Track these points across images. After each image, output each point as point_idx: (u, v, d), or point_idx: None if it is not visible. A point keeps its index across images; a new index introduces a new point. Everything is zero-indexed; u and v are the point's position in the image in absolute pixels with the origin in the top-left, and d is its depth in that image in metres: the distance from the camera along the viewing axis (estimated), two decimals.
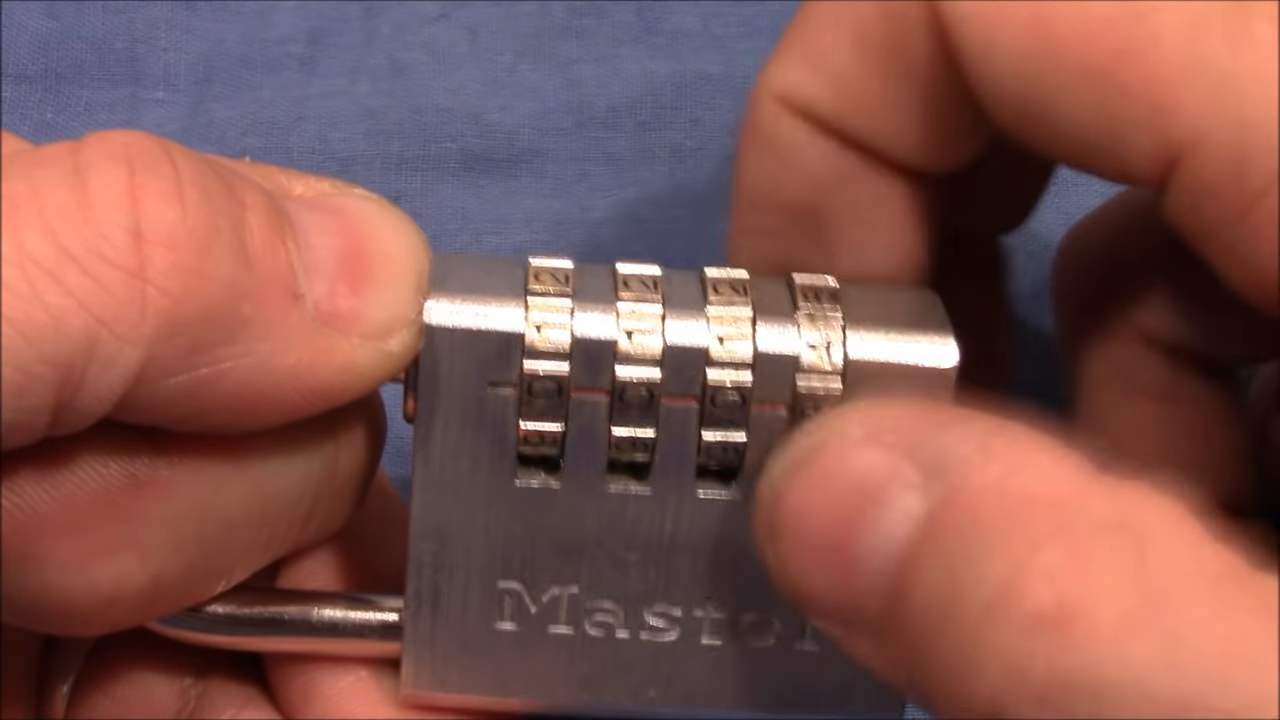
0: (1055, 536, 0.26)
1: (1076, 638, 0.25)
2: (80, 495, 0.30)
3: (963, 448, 0.28)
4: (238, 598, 0.33)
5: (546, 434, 0.32)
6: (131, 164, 0.28)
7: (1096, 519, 0.27)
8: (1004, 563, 0.26)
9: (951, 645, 0.27)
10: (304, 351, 0.29)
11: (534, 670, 0.34)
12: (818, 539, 0.29)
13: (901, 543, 0.28)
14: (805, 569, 0.29)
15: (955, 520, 0.27)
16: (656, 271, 0.32)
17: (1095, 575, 0.26)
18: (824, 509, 0.29)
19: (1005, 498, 0.27)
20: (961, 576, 0.27)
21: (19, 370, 0.27)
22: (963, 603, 0.27)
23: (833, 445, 0.29)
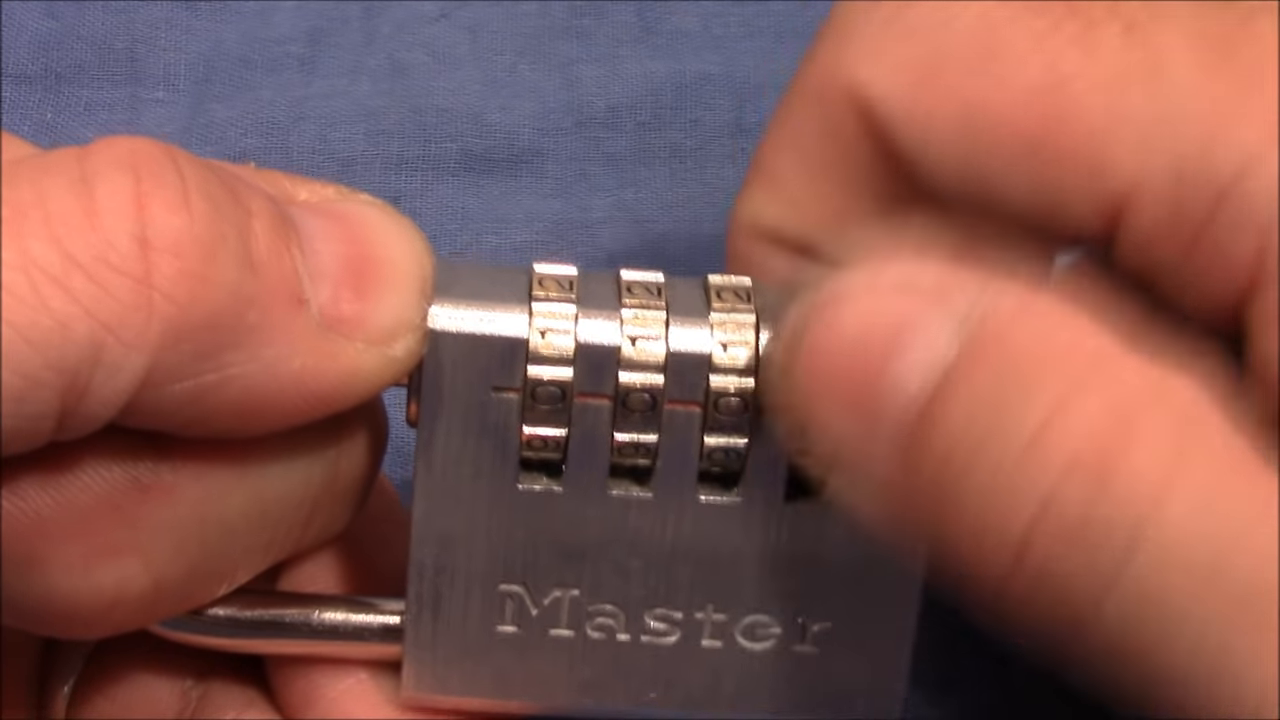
0: (1098, 387, 0.27)
1: (1117, 487, 0.26)
2: (83, 499, 0.30)
3: (1002, 299, 0.28)
4: (239, 600, 0.33)
5: (549, 439, 0.32)
6: (137, 171, 0.28)
7: (1137, 380, 0.27)
8: (1046, 403, 0.27)
9: (984, 482, 0.27)
10: (309, 357, 0.29)
11: (535, 673, 0.34)
12: (841, 371, 0.29)
13: (930, 378, 0.28)
14: (821, 401, 0.29)
15: (992, 358, 0.28)
16: (660, 278, 0.32)
17: (1136, 431, 0.27)
18: (853, 343, 0.29)
19: (1046, 342, 0.28)
20: (998, 413, 0.27)
21: (24, 376, 0.27)
22: (1000, 439, 0.27)
23: (863, 289, 0.29)
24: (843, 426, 0.29)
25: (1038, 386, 0.27)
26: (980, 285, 0.29)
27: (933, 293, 0.29)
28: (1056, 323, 0.28)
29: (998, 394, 0.27)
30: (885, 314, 0.29)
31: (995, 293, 0.28)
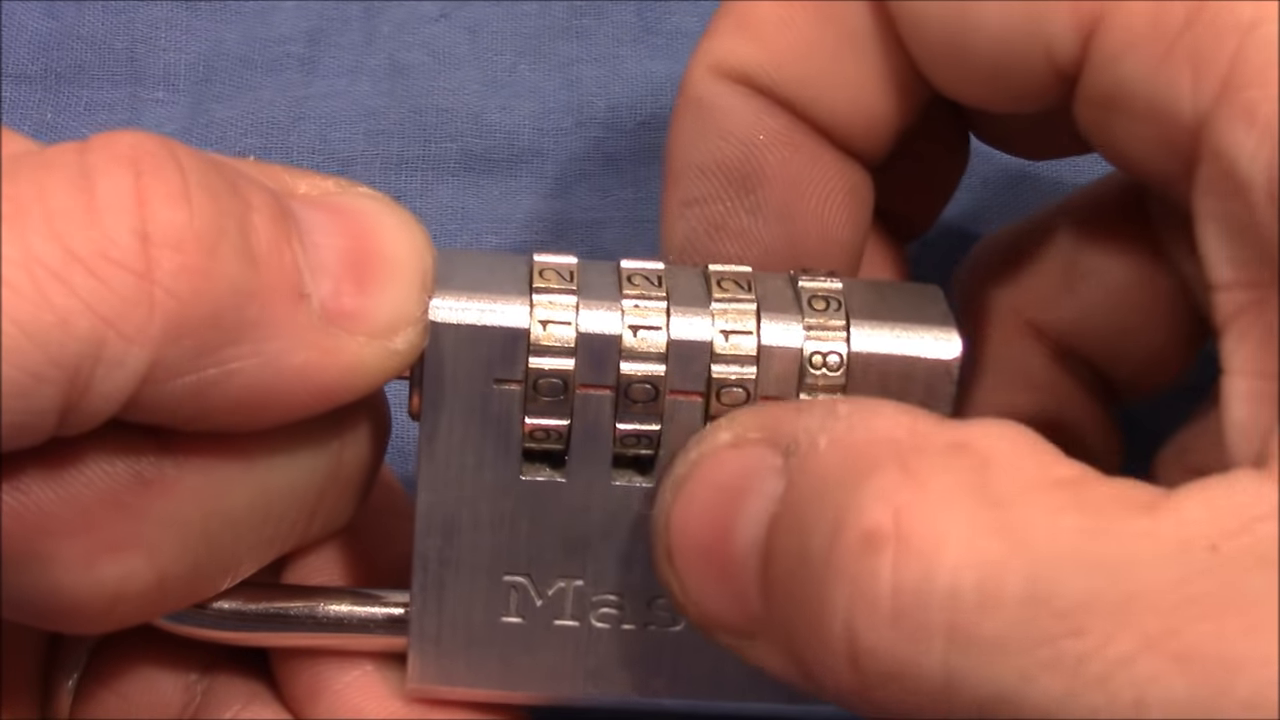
0: (891, 463, 0.27)
1: (919, 549, 0.26)
2: (87, 494, 0.30)
3: (813, 419, 0.28)
4: (243, 594, 0.33)
5: (552, 429, 0.32)
6: (138, 166, 0.28)
7: (935, 446, 0.27)
8: (841, 496, 0.27)
9: (804, 595, 0.27)
10: (311, 351, 0.29)
11: (540, 663, 0.34)
12: (700, 546, 0.30)
13: (765, 521, 0.28)
14: (696, 581, 0.30)
15: (805, 483, 0.28)
16: (660, 267, 0.32)
17: (932, 490, 0.26)
18: (702, 515, 0.30)
19: (847, 448, 0.28)
20: (809, 526, 0.27)
21: (26, 372, 0.27)
22: (810, 547, 0.27)
23: (706, 455, 0.30)
24: (717, 596, 0.29)
25: (839, 485, 0.27)
26: (803, 411, 0.29)
27: (761, 439, 0.29)
28: (860, 422, 0.28)
29: (809, 508, 0.28)
30: (725, 473, 0.29)
31: (809, 414, 0.29)
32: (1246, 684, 0.24)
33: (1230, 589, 0.25)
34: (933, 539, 0.26)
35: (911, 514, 0.26)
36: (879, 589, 0.26)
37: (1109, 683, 0.25)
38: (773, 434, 0.29)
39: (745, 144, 0.34)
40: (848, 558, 0.26)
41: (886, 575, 0.26)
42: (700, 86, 0.35)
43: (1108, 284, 0.37)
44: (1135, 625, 0.25)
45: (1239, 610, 0.25)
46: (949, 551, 0.26)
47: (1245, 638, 0.24)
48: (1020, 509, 0.26)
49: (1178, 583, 0.25)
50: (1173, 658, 0.24)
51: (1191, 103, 0.29)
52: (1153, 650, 0.25)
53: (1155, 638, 0.25)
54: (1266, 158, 0.28)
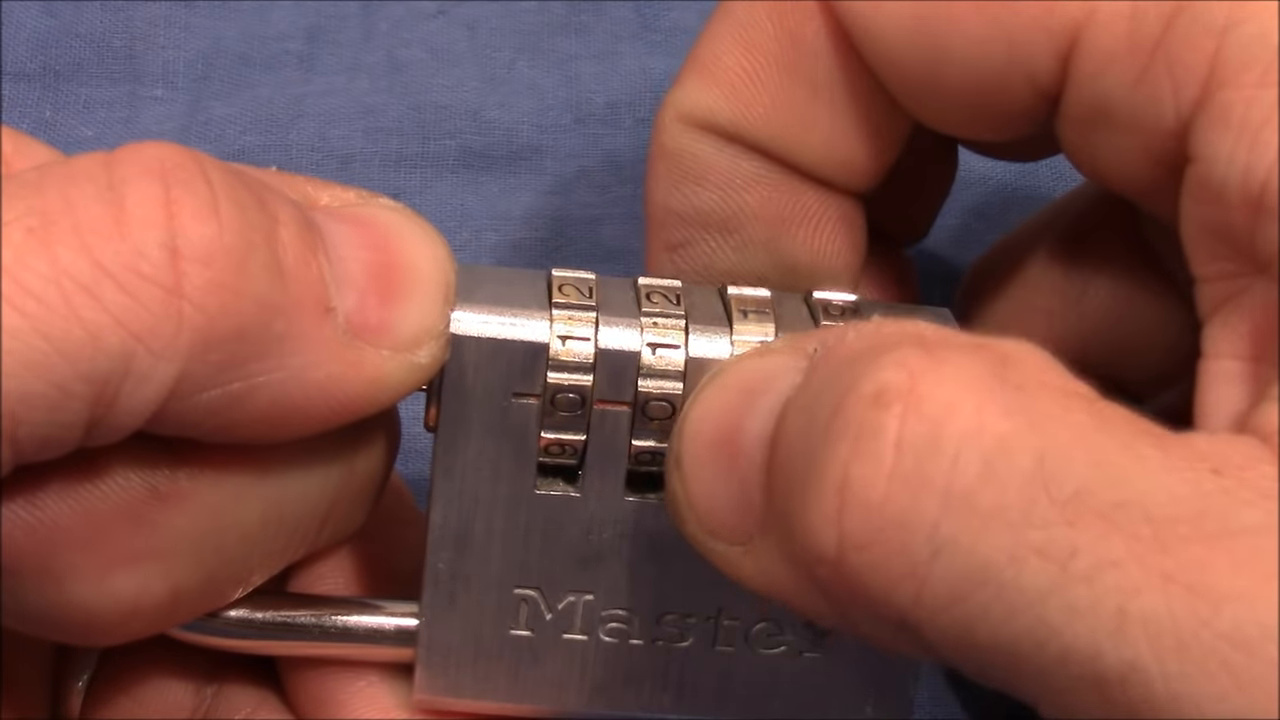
0: (913, 342, 0.27)
1: (930, 409, 0.26)
2: (102, 508, 0.30)
3: (844, 325, 0.29)
4: (253, 602, 0.33)
5: (568, 444, 0.32)
6: (166, 179, 0.28)
7: (958, 340, 0.27)
8: (859, 366, 0.27)
9: (806, 458, 0.27)
10: (335, 365, 0.29)
11: (547, 676, 0.34)
12: (709, 443, 0.29)
13: (775, 413, 0.28)
14: (699, 479, 0.30)
15: (824, 367, 0.28)
16: (678, 285, 0.32)
17: (952, 365, 0.26)
18: (715, 415, 0.29)
19: (873, 335, 0.28)
20: (821, 398, 0.27)
21: (55, 386, 0.27)
22: (818, 414, 0.27)
23: (731, 364, 0.30)
24: (719, 493, 0.29)
25: (854, 363, 0.27)
26: (832, 328, 0.29)
27: (786, 346, 0.29)
28: (890, 320, 0.28)
29: (822, 387, 0.27)
30: (744, 376, 0.29)
31: (840, 326, 0.29)
32: (1227, 617, 0.24)
33: (1225, 515, 0.25)
34: (945, 403, 0.26)
35: (926, 378, 0.26)
36: (883, 442, 0.26)
37: (1094, 583, 0.25)
38: (799, 342, 0.29)
39: (725, 188, 0.34)
40: (856, 410, 0.26)
41: (892, 430, 0.26)
42: (671, 135, 0.34)
43: (1107, 295, 0.37)
44: (1130, 531, 0.25)
45: (1230, 538, 0.25)
46: (959, 417, 0.26)
47: (1232, 568, 0.24)
48: (1035, 397, 0.26)
49: (1176, 499, 0.25)
50: (1159, 574, 0.24)
51: (1173, 110, 0.29)
52: (1141, 562, 0.25)
53: (1146, 549, 0.25)
54: (1243, 158, 0.28)
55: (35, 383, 0.27)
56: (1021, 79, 0.31)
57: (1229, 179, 0.28)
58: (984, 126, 0.33)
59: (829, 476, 0.26)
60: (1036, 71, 0.31)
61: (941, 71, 0.31)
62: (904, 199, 0.38)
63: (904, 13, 0.31)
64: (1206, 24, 0.29)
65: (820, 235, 0.35)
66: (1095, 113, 0.30)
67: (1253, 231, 0.28)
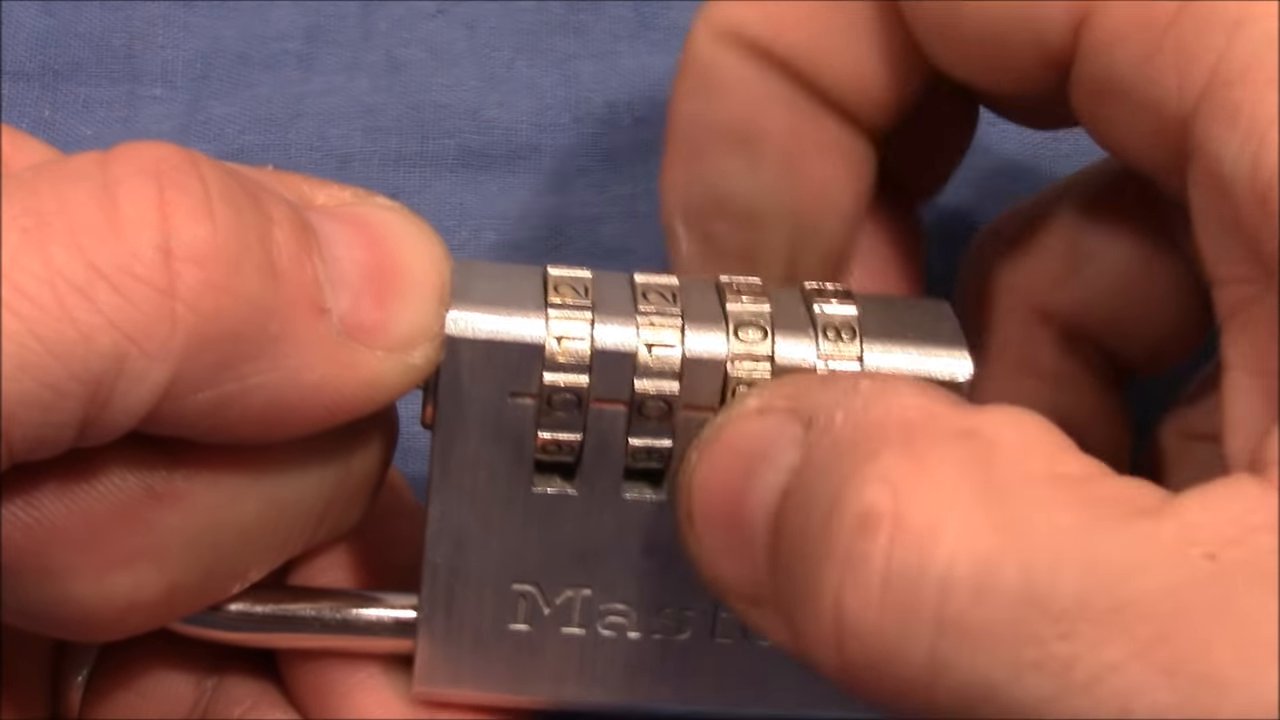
0: (896, 445, 0.27)
1: (915, 534, 0.26)
2: (98, 508, 0.30)
3: (834, 393, 0.28)
4: (251, 596, 0.33)
5: (564, 443, 0.32)
6: (161, 180, 0.28)
7: (943, 430, 0.27)
8: (844, 473, 0.27)
9: (802, 569, 0.27)
10: (329, 366, 0.29)
11: (546, 668, 0.34)
12: (718, 511, 0.29)
13: (779, 490, 0.28)
14: (710, 543, 0.30)
15: (817, 457, 0.28)
16: (674, 282, 0.32)
17: (935, 476, 0.26)
18: (721, 479, 0.29)
19: (859, 426, 0.27)
20: (814, 500, 0.27)
21: (48, 387, 0.27)
22: (811, 522, 0.27)
23: (732, 420, 0.30)
24: (728, 560, 0.29)
25: (845, 461, 0.27)
26: (829, 384, 0.29)
27: (785, 409, 0.29)
28: (878, 399, 0.28)
29: (817, 482, 0.27)
30: (745, 439, 0.29)
31: (839, 387, 0.29)
32: (1233, 704, 0.24)
33: (1224, 603, 0.25)
34: (929, 525, 0.26)
35: (910, 498, 0.26)
36: (871, 571, 0.26)
37: (1096, 689, 0.25)
38: (796, 404, 0.29)
39: (747, 104, 0.34)
40: (843, 536, 0.26)
41: (880, 558, 0.26)
42: (703, 48, 0.35)
43: (1113, 266, 0.37)
44: (1126, 632, 0.25)
45: (1231, 626, 0.24)
46: (945, 539, 0.26)
47: (1235, 656, 0.24)
48: (1021, 502, 0.26)
49: (1172, 591, 0.25)
50: (1161, 669, 0.24)
51: (1177, 99, 0.29)
52: (1142, 659, 0.24)
53: (1145, 647, 0.24)
54: (1250, 158, 0.28)
55: (28, 384, 0.27)
56: (1032, 41, 0.31)
57: (1237, 176, 0.28)
58: (995, 79, 0.33)
59: (824, 602, 0.26)
60: (1048, 37, 0.31)
61: (959, 21, 0.32)
62: (920, 151, 0.38)
63: None
64: (1218, 17, 0.28)
65: (832, 166, 0.35)
66: (1103, 86, 0.31)
67: (1259, 231, 0.28)
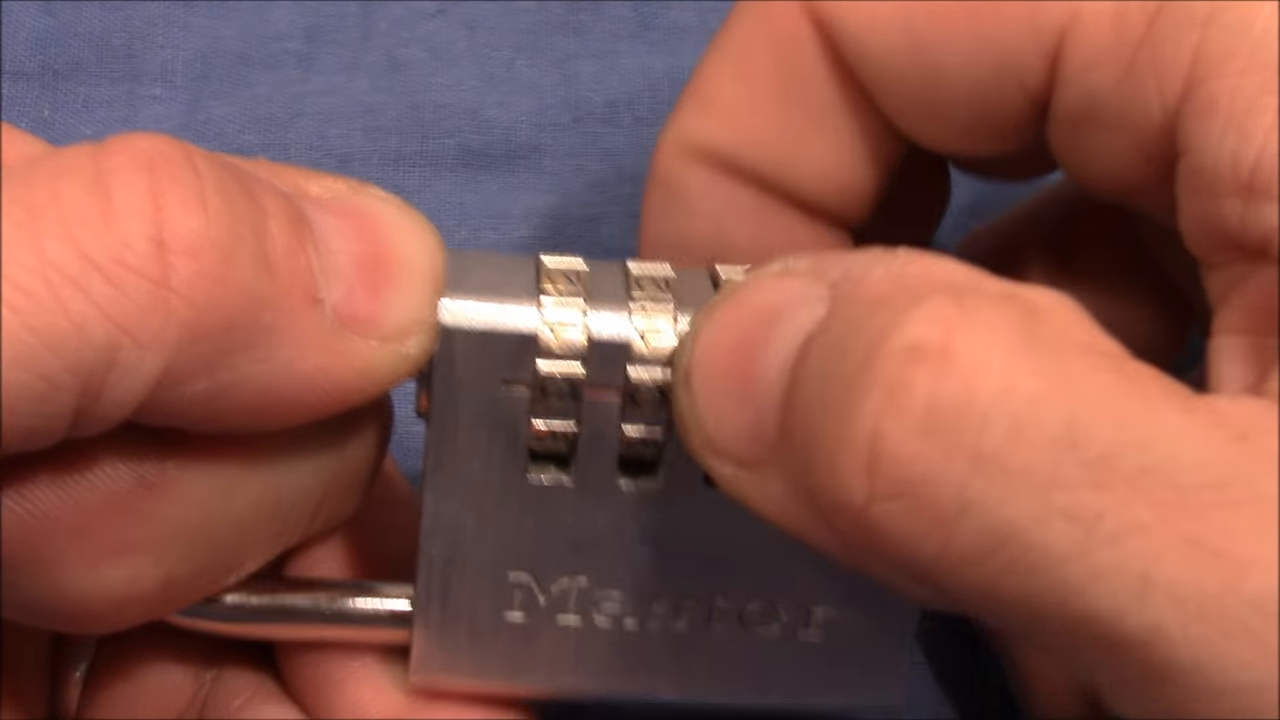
0: (944, 291, 0.27)
1: (962, 368, 0.26)
2: (92, 498, 0.30)
3: (868, 255, 0.28)
4: (248, 587, 0.33)
5: (559, 432, 0.32)
6: (154, 171, 0.28)
7: (988, 290, 0.27)
8: (889, 313, 0.26)
9: (831, 405, 0.26)
10: (323, 356, 0.29)
11: (542, 658, 0.34)
12: (723, 365, 0.29)
13: (797, 346, 0.28)
14: (710, 401, 0.29)
15: (849, 305, 0.27)
16: (667, 269, 0.32)
17: (984, 320, 0.26)
18: (731, 336, 0.29)
19: (900, 278, 0.27)
20: (847, 343, 0.27)
21: (41, 378, 0.27)
22: (845, 361, 0.27)
23: (749, 282, 0.30)
24: (729, 417, 0.29)
25: (886, 305, 0.27)
26: (857, 253, 0.29)
27: (808, 270, 0.29)
28: (918, 259, 0.28)
29: (848, 330, 0.27)
30: (764, 297, 0.29)
31: (866, 255, 0.28)
32: (1252, 583, 0.24)
33: (1251, 482, 0.25)
34: (977, 362, 0.26)
35: (958, 334, 0.26)
36: (914, 397, 0.26)
37: (1119, 546, 0.25)
38: (820, 268, 0.29)
39: (714, 220, 0.34)
40: (888, 364, 0.26)
41: (924, 386, 0.26)
42: (667, 165, 0.35)
43: (1092, 278, 0.37)
44: (1155, 495, 0.25)
45: (1255, 505, 0.25)
46: (991, 377, 0.25)
47: (1257, 536, 0.24)
48: (1064, 357, 0.26)
49: (1202, 464, 0.25)
50: (1184, 540, 0.24)
51: (1160, 106, 0.29)
52: (1166, 526, 0.25)
53: (1171, 514, 0.25)
54: (1231, 144, 0.28)
55: (21, 375, 0.27)
56: (1013, 85, 0.31)
57: (1219, 166, 0.28)
58: (979, 140, 0.33)
59: (859, 428, 0.26)
60: (1026, 76, 0.31)
61: (935, 86, 0.32)
62: (895, 228, 0.38)
63: (895, 30, 0.32)
64: (1188, 18, 0.29)
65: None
66: (1083, 112, 0.31)
67: (1244, 217, 0.28)
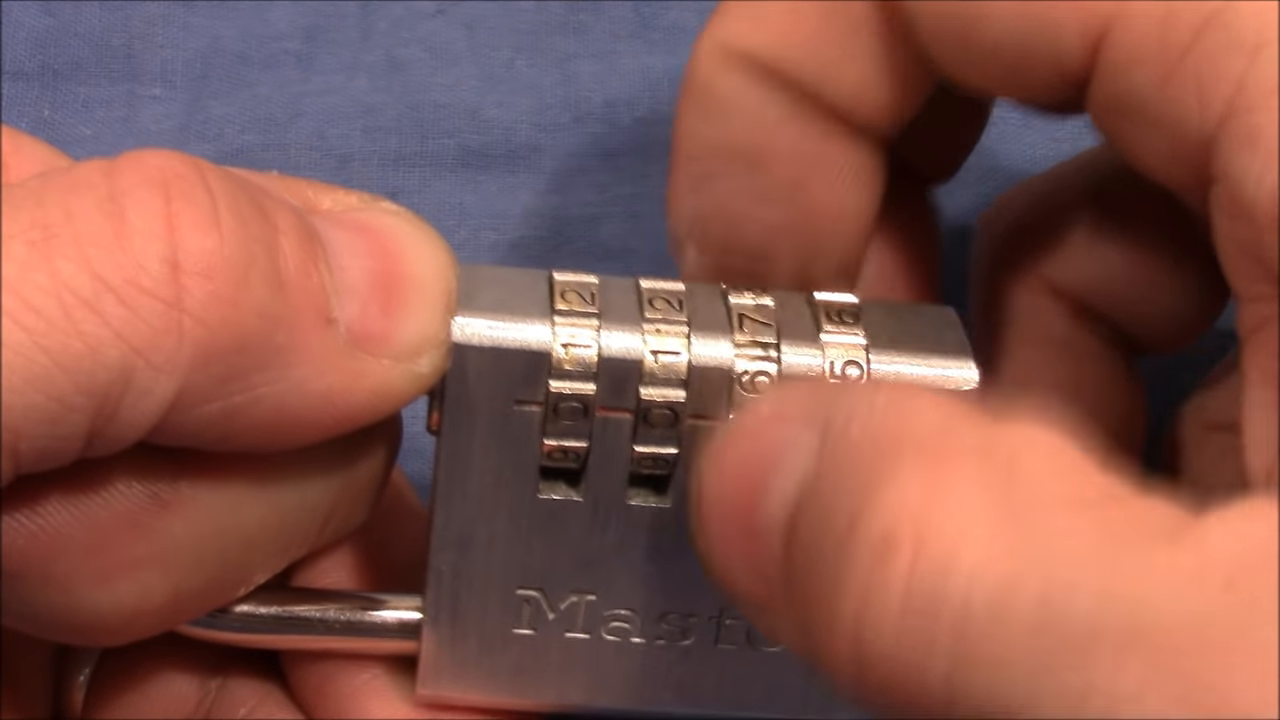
0: (913, 463, 0.26)
1: (933, 558, 0.25)
2: (104, 515, 0.30)
3: (850, 400, 0.28)
4: (257, 598, 0.33)
5: (570, 450, 0.32)
6: (168, 190, 0.28)
7: (961, 446, 0.27)
8: (862, 491, 0.26)
9: (819, 585, 0.27)
10: (336, 376, 0.29)
11: (550, 672, 0.34)
12: (728, 515, 0.29)
13: (792, 500, 0.28)
14: (721, 549, 0.29)
15: (832, 470, 0.27)
16: (680, 288, 0.32)
17: (954, 496, 0.26)
18: (733, 485, 0.29)
19: (875, 439, 0.27)
20: (830, 516, 0.27)
21: (55, 400, 0.27)
22: (827, 539, 0.26)
23: (745, 426, 0.29)
24: (739, 568, 0.29)
25: (860, 478, 0.27)
26: (844, 392, 0.29)
27: (800, 415, 0.29)
28: (894, 408, 0.28)
29: (830, 496, 0.27)
30: (758, 446, 0.29)
31: (854, 396, 0.28)
32: None
33: (1241, 633, 0.24)
34: (948, 549, 0.25)
35: (929, 519, 0.26)
36: (890, 596, 0.25)
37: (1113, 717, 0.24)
38: (810, 411, 0.29)
39: (753, 123, 0.34)
40: (862, 559, 0.26)
41: (899, 583, 0.25)
42: (707, 68, 0.34)
43: (1128, 245, 0.37)
44: (1143, 661, 0.24)
45: (1248, 657, 0.24)
46: (964, 563, 0.25)
47: (1252, 688, 0.24)
48: (1040, 526, 0.25)
49: (1189, 620, 0.24)
50: (1177, 700, 0.24)
51: (1199, 122, 0.29)
52: (1158, 690, 0.24)
53: (1163, 677, 0.24)
54: (1270, 183, 0.28)
55: (35, 396, 0.27)
56: (1050, 60, 0.31)
57: (1258, 200, 0.28)
58: (1015, 95, 0.33)
59: (843, 621, 0.26)
60: (1065, 54, 0.30)
61: (973, 33, 0.31)
62: (933, 138, 0.37)
63: None
64: (1237, 40, 0.28)
65: (841, 183, 0.34)
66: (1122, 105, 0.30)
67: None
